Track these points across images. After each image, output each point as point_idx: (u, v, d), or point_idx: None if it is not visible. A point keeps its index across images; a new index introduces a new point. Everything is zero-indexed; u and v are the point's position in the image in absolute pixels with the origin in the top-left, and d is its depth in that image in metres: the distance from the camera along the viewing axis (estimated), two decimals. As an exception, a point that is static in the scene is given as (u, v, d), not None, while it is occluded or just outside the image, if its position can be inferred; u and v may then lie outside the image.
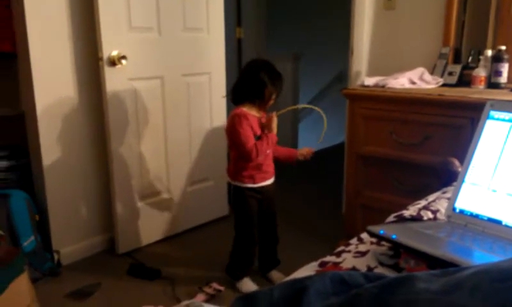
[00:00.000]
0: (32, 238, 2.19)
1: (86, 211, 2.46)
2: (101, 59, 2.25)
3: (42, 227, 2.29)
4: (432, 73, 2.34)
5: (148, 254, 2.48)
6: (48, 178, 2.27)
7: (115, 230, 2.46)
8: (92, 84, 2.37)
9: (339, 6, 4.25)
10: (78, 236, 2.44)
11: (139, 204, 2.53)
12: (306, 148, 2.28)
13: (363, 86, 2.29)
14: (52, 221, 2.31)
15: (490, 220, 0.90)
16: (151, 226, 2.60)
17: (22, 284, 1.69)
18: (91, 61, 2.34)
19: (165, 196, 2.66)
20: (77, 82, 2.32)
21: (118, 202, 2.42)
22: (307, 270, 0.88)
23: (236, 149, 2.04)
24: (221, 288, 2.10)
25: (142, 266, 2.31)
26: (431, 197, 1.24)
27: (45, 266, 2.23)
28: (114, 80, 2.30)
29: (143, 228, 2.56)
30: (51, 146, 2.26)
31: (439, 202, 1.16)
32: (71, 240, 2.41)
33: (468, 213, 0.94)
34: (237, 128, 1.97)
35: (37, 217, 2.25)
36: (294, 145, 4.35)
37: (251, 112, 2.03)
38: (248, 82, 2.02)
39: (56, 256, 2.32)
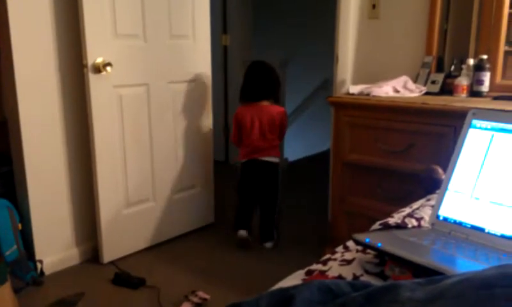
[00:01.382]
0: (15, 247, 2.15)
1: (70, 220, 2.43)
2: (86, 66, 2.23)
3: (25, 236, 2.26)
4: (415, 81, 2.37)
5: (133, 263, 2.46)
6: (31, 187, 2.24)
7: (99, 239, 2.43)
8: (77, 91, 2.35)
9: (325, 14, 4.29)
10: (61, 246, 2.41)
11: (124, 212, 2.51)
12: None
13: (348, 93, 2.31)
14: (35, 230, 2.28)
15: (473, 228, 0.91)
16: (136, 235, 2.58)
17: (4, 294, 1.66)
18: (75, 68, 2.32)
19: (150, 203, 2.64)
20: (61, 89, 2.30)
21: (102, 210, 2.39)
22: (294, 279, 0.88)
23: (281, 136, 2.72)
24: (207, 296, 2.09)
25: (127, 275, 2.28)
26: (415, 205, 1.26)
27: (28, 275, 2.19)
28: (99, 88, 2.28)
29: (127, 237, 2.53)
30: (34, 153, 2.24)
31: (423, 210, 1.18)
32: (54, 249, 2.37)
33: (452, 221, 0.95)
34: (286, 122, 2.72)
35: (20, 226, 2.22)
36: (281, 152, 4.35)
37: None
38: (268, 81, 2.65)
39: (39, 266, 2.29)
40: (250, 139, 2.62)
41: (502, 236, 0.86)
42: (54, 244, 2.37)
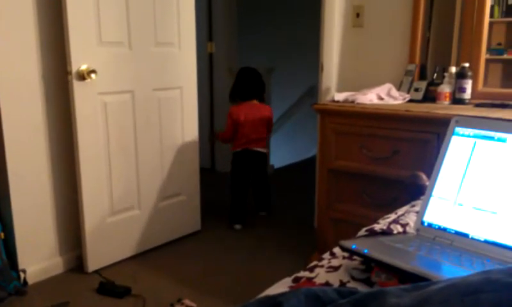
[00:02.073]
0: (-3, 257, 2.11)
1: (54, 228, 2.40)
2: (70, 73, 2.21)
3: (8, 245, 2.22)
4: (399, 89, 2.40)
5: (118, 272, 2.43)
6: (14, 195, 2.21)
7: (83, 247, 2.40)
8: (60, 98, 2.33)
9: (310, 22, 4.33)
10: (45, 255, 2.37)
11: (109, 220, 2.48)
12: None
13: (333, 101, 2.33)
14: (18, 239, 2.24)
15: (457, 233, 0.92)
16: (121, 243, 2.56)
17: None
18: (59, 75, 2.30)
19: (136, 211, 2.62)
20: (45, 97, 2.28)
21: (86, 219, 2.37)
22: (281, 286, 0.88)
23: (269, 130, 3.20)
24: (193, 304, 2.07)
25: (112, 284, 2.26)
26: (400, 211, 1.27)
27: (10, 285, 2.15)
28: (83, 95, 2.27)
29: (112, 245, 2.51)
30: (17, 161, 2.20)
31: (408, 216, 1.19)
32: (38, 259, 2.34)
33: (436, 227, 0.97)
34: (273, 118, 3.22)
35: (2, 235, 2.18)
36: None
37: None
38: (258, 83, 3.15)
39: (22, 275, 2.25)
40: (244, 132, 3.03)
41: (486, 242, 0.87)
42: (37, 253, 2.33)
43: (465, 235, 0.91)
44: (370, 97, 2.25)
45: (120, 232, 2.54)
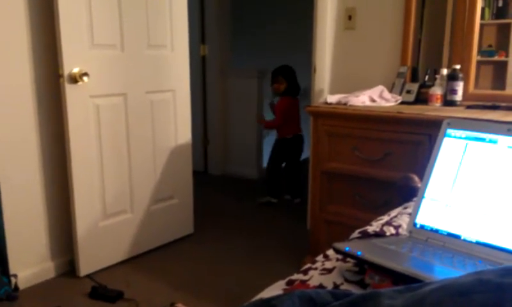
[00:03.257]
0: (-12, 262, 2.09)
1: (45, 232, 2.38)
2: (62, 76, 2.20)
3: (-2, 250, 2.20)
4: (391, 91, 2.42)
5: (110, 276, 2.42)
6: (5, 199, 2.19)
7: (75, 252, 2.38)
8: (52, 101, 2.31)
9: (302, 25, 4.34)
10: (37, 259, 2.35)
11: (101, 224, 2.47)
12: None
13: (326, 103, 2.34)
14: (9, 244, 2.22)
15: (449, 235, 0.93)
16: (113, 247, 2.54)
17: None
18: (51, 78, 2.29)
19: (128, 215, 2.61)
20: (36, 100, 2.26)
21: (78, 222, 2.35)
22: (275, 289, 0.88)
23: None
24: (187, 308, 2.07)
25: (104, 288, 2.24)
26: (393, 213, 1.27)
27: (1, 291, 2.13)
28: (75, 98, 2.26)
29: (105, 249, 2.49)
30: (8, 164, 2.19)
31: (401, 217, 1.20)
32: (29, 263, 2.32)
33: (429, 229, 0.97)
34: None
35: (-7, 240, 2.16)
36: (260, 162, 4.37)
37: None
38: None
39: (13, 280, 2.23)
40: (295, 122, 3.61)
41: (478, 243, 0.88)
42: (28, 258, 2.32)
43: (457, 237, 0.91)
44: (362, 99, 2.26)
45: (113, 236, 2.53)
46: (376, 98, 2.30)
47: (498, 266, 0.60)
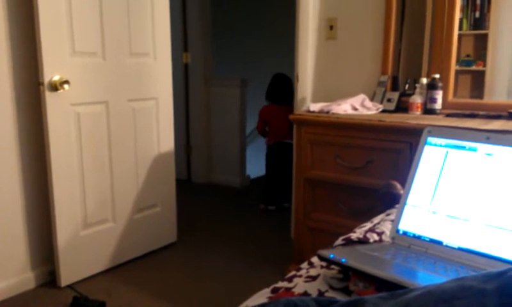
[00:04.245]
0: (-36, 273, 2.04)
1: (25, 242, 2.34)
2: (42, 83, 2.17)
3: (-25, 261, 2.15)
4: (372, 99, 2.45)
5: (92, 286, 2.38)
6: (-17, 209, 2.14)
7: (56, 262, 2.34)
8: (32, 110, 2.28)
9: (285, 34, 4.37)
10: (16, 270, 2.30)
11: (83, 233, 2.43)
12: None
13: (309, 111, 2.35)
14: (-14, 255, 2.18)
15: (432, 241, 0.94)
16: (95, 256, 2.51)
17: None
18: (31, 85, 2.26)
19: (110, 224, 2.58)
20: (16, 108, 2.23)
21: (59, 232, 2.32)
22: (259, 298, 0.88)
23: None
24: (170, 318, 2.05)
25: (85, 299, 2.21)
26: (376, 220, 1.29)
27: (-22, 303, 2.09)
28: (55, 106, 2.23)
29: (86, 259, 2.46)
30: (-13, 174, 2.14)
31: (384, 224, 1.21)
32: (8, 274, 2.27)
33: (411, 235, 0.98)
34: None
35: (-30, 251, 2.11)
36: (242, 169, 4.37)
37: None
38: (291, 90, 3.40)
39: (-10, 292, 2.18)
40: (277, 128, 3.61)
41: (459, 249, 0.90)
42: (7, 268, 2.26)
43: (439, 243, 0.93)
44: (344, 107, 2.29)
45: (94, 245, 2.49)
46: (357, 106, 2.33)
47: (481, 272, 0.61)
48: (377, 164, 2.06)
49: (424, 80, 2.31)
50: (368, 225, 1.24)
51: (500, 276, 0.57)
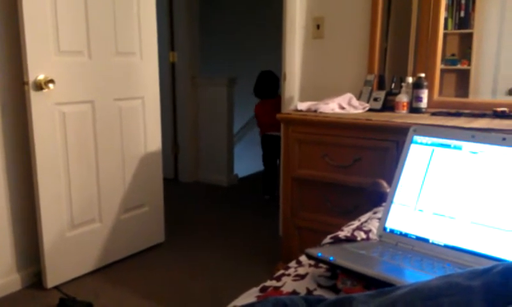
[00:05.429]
0: None
1: (11, 243, 2.30)
2: (26, 83, 2.15)
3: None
4: (359, 98, 2.46)
5: (79, 287, 2.36)
6: (-34, 210, 2.11)
7: (42, 263, 2.32)
8: (17, 109, 2.25)
9: (272, 33, 4.38)
10: (1, 272, 2.27)
11: (69, 234, 2.41)
12: None
13: (296, 110, 2.36)
14: (-30, 257, 2.14)
15: (418, 238, 0.95)
16: (82, 257, 2.48)
17: None
18: (15, 85, 2.23)
19: (97, 224, 2.56)
20: (0, 108, 2.19)
21: (45, 233, 2.29)
22: (248, 297, 0.88)
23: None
24: (158, 318, 2.04)
25: (72, 300, 2.19)
26: (363, 218, 1.30)
27: (-38, 306, 2.05)
28: (40, 105, 2.20)
29: (73, 260, 2.43)
30: (-30, 175, 2.11)
31: (371, 222, 1.22)
32: (-8, 277, 2.24)
33: (398, 233, 0.99)
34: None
35: (-47, 253, 2.07)
36: (230, 168, 4.37)
37: None
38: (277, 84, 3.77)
39: (-25, 295, 2.15)
40: (263, 122, 3.80)
41: (446, 246, 0.91)
42: (-8, 271, 2.24)
43: (426, 240, 0.94)
44: (331, 106, 2.30)
45: (81, 246, 2.47)
46: (344, 105, 2.34)
47: (467, 269, 0.62)
48: (365, 162, 2.07)
49: (410, 79, 2.33)
50: (355, 223, 1.24)
51: (486, 273, 0.57)
